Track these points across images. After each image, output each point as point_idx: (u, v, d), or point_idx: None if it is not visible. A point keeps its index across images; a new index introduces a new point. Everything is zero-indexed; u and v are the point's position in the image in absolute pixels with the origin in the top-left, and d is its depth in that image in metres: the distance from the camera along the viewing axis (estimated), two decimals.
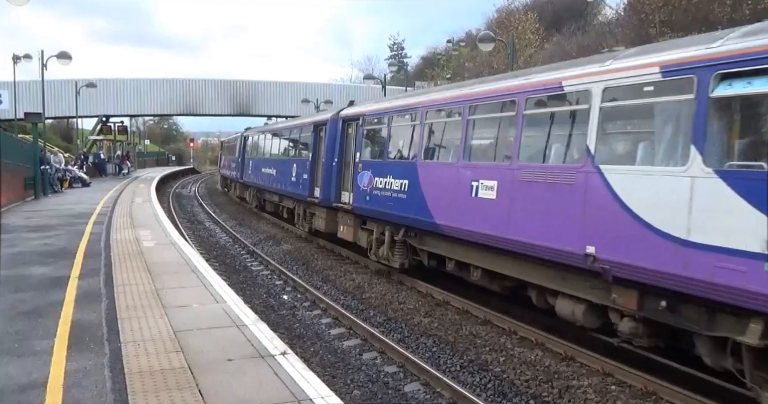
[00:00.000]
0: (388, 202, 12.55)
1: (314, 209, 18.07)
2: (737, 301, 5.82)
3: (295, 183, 19.38)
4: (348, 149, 15.43)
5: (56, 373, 5.51)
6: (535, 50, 41.68)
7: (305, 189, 18.12)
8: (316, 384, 5.38)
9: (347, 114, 15.91)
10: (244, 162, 30.06)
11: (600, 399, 7.29)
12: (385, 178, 12.75)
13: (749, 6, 25.17)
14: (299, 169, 19.09)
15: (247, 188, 30.21)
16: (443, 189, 10.66)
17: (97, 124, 53.05)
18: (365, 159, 14.14)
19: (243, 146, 30.78)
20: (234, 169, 33.58)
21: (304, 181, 18.29)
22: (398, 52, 79.80)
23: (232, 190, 36.83)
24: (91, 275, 9.73)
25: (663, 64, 6.74)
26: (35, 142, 25.97)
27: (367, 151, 14.45)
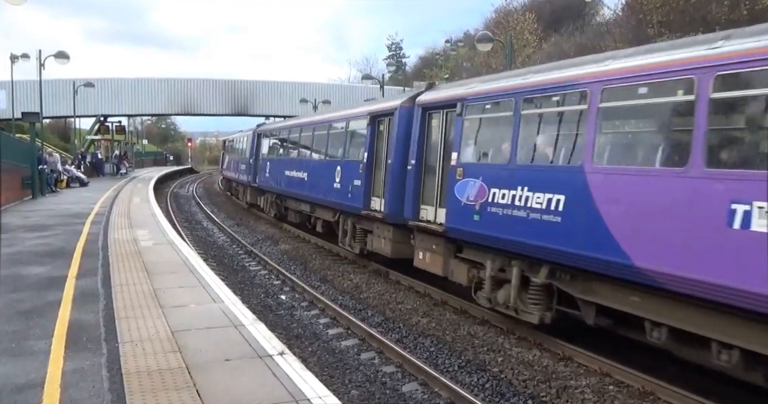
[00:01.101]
0: (518, 226, 8.65)
1: (371, 225, 14.09)
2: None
3: (341, 190, 15.39)
4: (430, 148, 11.72)
5: (54, 373, 5.51)
6: (533, 50, 41.70)
7: (358, 199, 14.12)
8: (314, 384, 5.38)
9: (431, 100, 11.78)
10: (258, 163, 25.93)
11: (598, 399, 7.30)
12: (513, 190, 8.83)
13: (747, 6, 25.19)
14: (347, 172, 15.11)
15: (263, 194, 25.68)
16: (653, 211, 6.75)
17: (95, 124, 53.00)
18: (469, 161, 10.19)
19: (256, 145, 26.64)
20: (243, 172, 29.22)
21: (355, 189, 14.38)
22: (396, 52, 79.79)
23: (241, 196, 31.71)
24: (89, 275, 9.72)
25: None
26: (33, 142, 25.94)
27: (473, 151, 10.43)
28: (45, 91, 34.11)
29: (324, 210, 17.59)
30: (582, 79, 7.96)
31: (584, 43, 36.23)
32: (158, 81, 54.90)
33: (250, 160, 27.15)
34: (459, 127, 10.51)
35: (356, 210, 14.34)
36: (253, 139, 27.33)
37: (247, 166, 27.79)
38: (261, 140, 26.26)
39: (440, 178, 11.18)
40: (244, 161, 29.11)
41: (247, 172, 27.92)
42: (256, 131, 27.40)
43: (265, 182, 24.45)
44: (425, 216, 11.57)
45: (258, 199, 26.95)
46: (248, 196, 29.03)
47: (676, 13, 28.36)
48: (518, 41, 38.77)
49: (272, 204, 24.23)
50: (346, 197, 14.99)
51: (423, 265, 11.89)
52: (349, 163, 15.22)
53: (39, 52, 31.11)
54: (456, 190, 10.19)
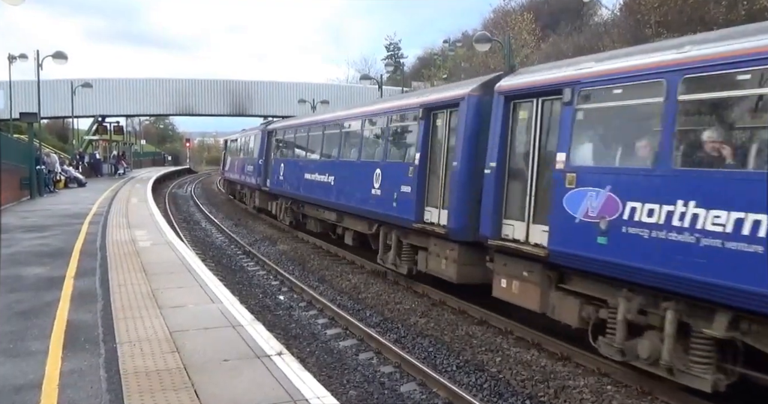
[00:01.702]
0: (679, 255, 6.41)
1: (425, 241, 11.81)
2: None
3: (381, 198, 13.02)
4: (517, 147, 9.35)
5: (51, 373, 5.50)
6: (531, 51, 41.74)
7: (407, 208, 11.84)
8: (312, 384, 5.38)
9: (519, 86, 9.22)
10: (269, 165, 23.59)
11: (596, 399, 7.31)
12: (669, 205, 6.54)
13: (745, 6, 25.23)
14: (390, 176, 12.80)
15: (275, 199, 23.39)
16: None
17: (93, 124, 52.94)
18: (586, 164, 7.87)
19: (266, 144, 24.24)
20: (251, 174, 26.46)
21: (403, 197, 12.05)
22: (395, 52, 79.80)
23: (248, 200, 29.06)
24: (87, 275, 9.71)
25: None
26: (31, 142, 25.91)
27: (593, 151, 8.10)
28: (43, 91, 34.06)
29: (356, 220, 15.11)
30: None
31: (582, 44, 36.26)
32: (157, 81, 54.86)
33: (259, 161, 24.75)
34: (568, 119, 8.05)
35: (405, 222, 11.97)
36: (262, 139, 24.87)
37: (256, 167, 25.27)
38: (272, 139, 23.88)
39: (533, 185, 8.75)
40: (251, 162, 26.66)
41: (255, 175, 25.34)
42: (265, 129, 24.99)
43: (278, 186, 21.89)
44: (511, 235, 9.11)
45: (269, 204, 24.38)
46: (256, 201, 26.33)
47: (674, 14, 28.38)
48: (516, 41, 38.78)
49: (287, 211, 21.59)
50: (389, 206, 12.55)
51: (508, 296, 9.38)
52: (393, 165, 12.84)
53: (37, 52, 31.10)
54: (566, 203, 7.84)
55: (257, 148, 25.58)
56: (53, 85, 45.95)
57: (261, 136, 25.18)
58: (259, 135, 25.57)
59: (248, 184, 27.71)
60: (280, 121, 26.24)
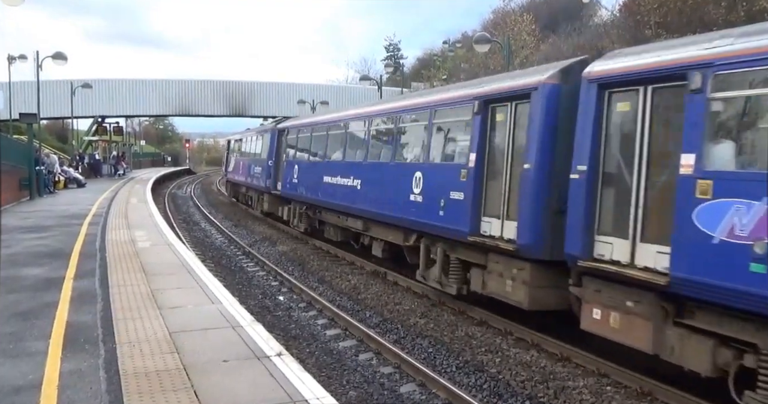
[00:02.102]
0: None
1: (480, 257, 10.10)
2: None
3: (423, 205, 11.29)
4: (612, 146, 7.71)
5: (51, 374, 5.50)
6: (531, 52, 41.76)
7: (458, 218, 10.17)
8: (312, 385, 5.38)
9: (618, 71, 7.57)
10: (280, 166, 21.86)
11: (595, 399, 7.31)
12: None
13: (744, 7, 25.25)
14: (435, 180, 11.09)
15: (287, 203, 21.40)
16: None
17: (93, 125, 52.94)
18: (727, 168, 6.30)
19: (277, 144, 22.54)
20: (259, 176, 24.73)
21: (453, 204, 10.35)
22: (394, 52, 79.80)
23: (255, 204, 27.22)
24: (87, 276, 9.71)
25: None
26: (30, 143, 25.91)
27: (736, 149, 6.42)
28: (42, 91, 34.09)
29: (388, 229, 13.33)
30: None
31: (582, 44, 36.29)
32: (156, 82, 54.93)
33: (269, 162, 22.94)
34: (698, 111, 6.44)
35: (455, 234, 10.31)
36: (272, 138, 23.14)
37: (265, 169, 23.52)
38: (284, 139, 21.98)
39: (641, 194, 7.15)
40: (259, 163, 24.95)
41: (264, 177, 23.54)
42: (275, 128, 23.24)
43: (291, 190, 19.95)
44: (608, 255, 7.48)
45: (279, 208, 22.43)
46: (265, 205, 24.58)
47: (674, 14, 28.41)
48: (516, 42, 38.80)
49: (302, 217, 19.53)
50: (433, 214, 10.82)
51: (605, 330, 7.61)
52: (439, 167, 11.16)
53: (36, 53, 31.12)
54: (697, 218, 6.26)
55: (266, 148, 23.87)
56: (53, 85, 45.98)
57: (271, 135, 23.50)
58: (269, 134, 23.92)
59: (255, 186, 25.95)
60: (293, 119, 24.13)
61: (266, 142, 24.08)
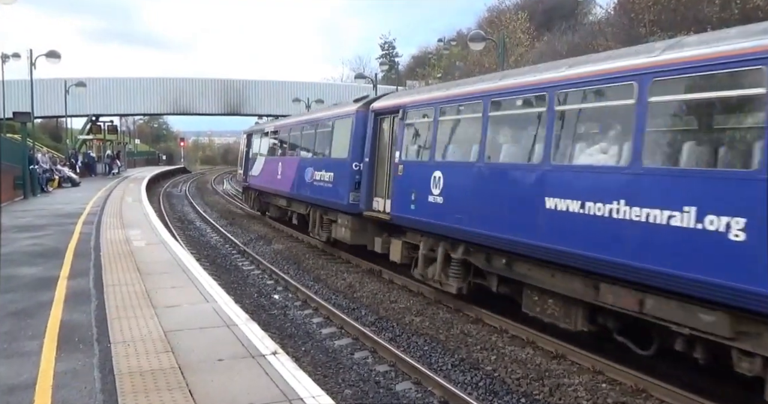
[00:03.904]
0: None
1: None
2: None
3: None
4: None
5: (45, 374, 5.49)
6: (526, 50, 41.79)
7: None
8: (307, 383, 5.38)
9: None
10: (381, 171, 13.71)
11: (590, 396, 7.33)
12: None
13: (738, 5, 25.31)
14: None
15: (401, 235, 12.74)
16: None
17: (87, 124, 52.78)
18: None
19: (374, 134, 14.03)
20: (322, 186, 16.49)
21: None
22: (389, 51, 79.84)
23: (318, 228, 17.65)
24: (81, 275, 9.68)
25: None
26: (24, 142, 25.82)
27: None
28: (36, 90, 33.96)
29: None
30: None
31: (577, 42, 36.34)
32: (150, 80, 54.77)
33: (353, 165, 14.64)
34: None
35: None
36: (358, 126, 14.62)
37: (345, 175, 14.99)
38: (400, 125, 12.60)
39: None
40: (326, 166, 16.43)
41: (342, 188, 15.14)
42: (369, 109, 14.28)
43: (427, 213, 11.15)
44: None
45: (392, 242, 13.06)
46: (343, 232, 15.45)
47: (668, 12, 28.47)
48: (511, 40, 38.81)
49: (461, 270, 10.79)
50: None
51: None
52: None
53: (30, 51, 31.00)
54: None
55: (346, 142, 15.25)
56: (46, 84, 45.81)
57: (356, 121, 14.80)
58: (352, 120, 15.02)
59: (317, 200, 17.07)
60: (403, 93, 14.43)
61: (343, 133, 15.55)
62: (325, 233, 16.94)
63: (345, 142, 15.20)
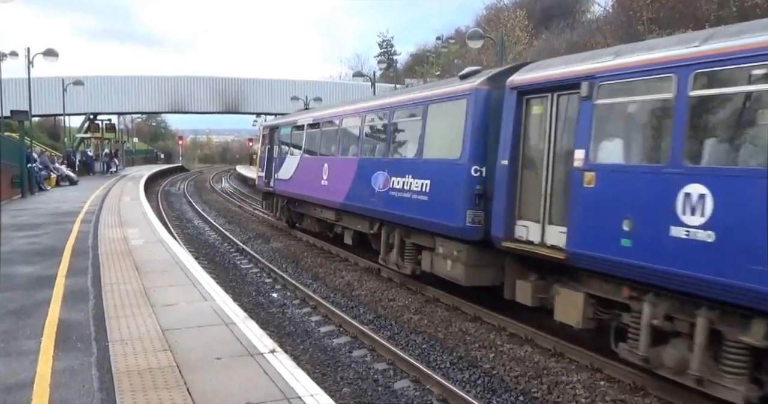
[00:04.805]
0: None
1: None
2: None
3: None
4: None
5: (43, 373, 5.48)
6: (524, 47, 41.77)
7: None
8: (306, 381, 5.37)
9: None
10: (521, 172, 9.06)
11: (589, 394, 7.33)
12: None
13: (736, 3, 25.32)
14: None
15: (560, 278, 8.52)
16: None
17: (85, 122, 52.70)
18: None
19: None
20: (420, 199, 11.31)
21: None
22: (387, 49, 79.69)
23: (397, 256, 12.73)
24: (79, 274, 9.66)
25: None
26: (22, 140, 25.78)
27: None
28: (34, 89, 33.87)
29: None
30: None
31: (575, 40, 36.34)
32: (148, 79, 54.71)
33: (471, 169, 10.02)
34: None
35: None
36: (486, 108, 10.01)
37: (455, 184, 10.34)
38: (556, 107, 8.49)
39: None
40: (424, 171, 11.37)
41: (452, 202, 10.34)
42: (515, 84, 9.11)
43: (668, 258, 6.47)
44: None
45: (520, 287, 9.15)
46: (441, 263, 11.10)
47: (666, 10, 28.48)
48: (509, 38, 38.81)
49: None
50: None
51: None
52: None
53: (27, 49, 30.93)
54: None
55: (466, 135, 10.20)
56: (44, 82, 45.71)
57: (478, 103, 10.07)
58: (469, 102, 10.22)
59: (403, 219, 12.09)
60: (602, 54, 8.17)
61: (449, 123, 10.93)
62: (410, 264, 12.07)
63: (454, 135, 10.43)
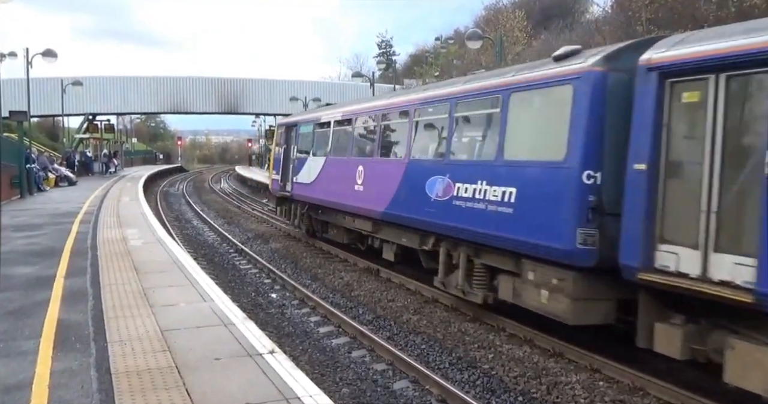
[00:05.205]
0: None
1: None
2: None
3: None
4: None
5: (42, 373, 5.47)
6: (523, 48, 41.80)
7: None
8: (305, 382, 5.37)
9: None
10: (664, 181, 6.72)
11: (588, 394, 7.33)
12: None
13: (735, 3, 25.34)
14: None
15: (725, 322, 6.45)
16: None
17: (84, 123, 52.68)
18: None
19: None
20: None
21: None
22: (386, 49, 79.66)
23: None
24: (78, 274, 9.66)
25: None
26: (21, 141, 25.76)
27: None
28: (32, 89, 33.87)
29: None
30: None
31: (574, 41, 36.33)
32: (147, 79, 54.71)
33: (584, 175, 7.47)
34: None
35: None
36: (603, 98, 7.49)
37: (557, 193, 7.83)
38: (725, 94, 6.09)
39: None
40: (504, 176, 8.85)
41: (553, 217, 7.85)
42: (656, 62, 6.71)
43: None
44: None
45: (660, 332, 6.80)
46: (532, 293, 8.56)
47: (665, 11, 28.51)
48: (508, 39, 38.84)
49: None
50: None
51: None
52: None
53: (26, 50, 30.92)
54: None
55: (576, 131, 7.65)
56: (43, 83, 45.71)
57: (596, 91, 7.55)
58: (578, 89, 7.75)
59: (476, 235, 9.48)
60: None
61: (545, 115, 8.87)
62: (481, 290, 9.77)
63: (553, 131, 8.24)
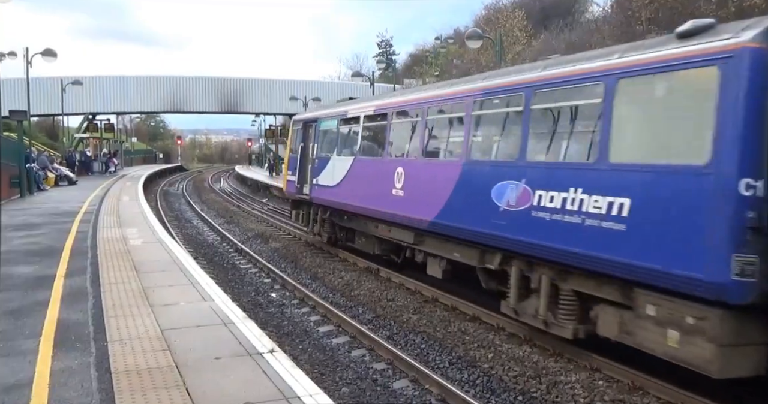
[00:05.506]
0: None
1: None
2: None
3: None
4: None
5: (42, 372, 5.47)
6: (523, 47, 41.79)
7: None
8: (305, 381, 5.37)
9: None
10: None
11: (588, 394, 7.33)
12: None
13: (734, 3, 25.34)
14: None
15: None
16: None
17: (84, 122, 52.67)
18: None
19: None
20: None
21: None
22: (386, 49, 79.66)
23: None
24: (78, 274, 9.66)
25: None
26: (20, 140, 25.75)
27: None
28: (32, 89, 33.84)
29: None
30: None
31: (574, 40, 36.35)
32: (147, 79, 54.66)
33: (740, 185, 5.67)
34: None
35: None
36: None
37: (694, 208, 6.00)
38: None
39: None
40: (608, 184, 6.97)
41: (690, 238, 6.03)
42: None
43: None
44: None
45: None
46: (652, 332, 6.66)
47: (665, 10, 28.50)
48: (508, 38, 38.84)
49: None
50: None
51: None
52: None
53: (26, 49, 30.88)
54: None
55: (726, 127, 5.79)
56: (42, 82, 45.66)
57: (755, 75, 5.66)
58: (725, 73, 5.83)
59: (563, 254, 7.68)
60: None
61: (674, 107, 6.67)
62: (571, 322, 8.10)
63: (686, 126, 6.52)
